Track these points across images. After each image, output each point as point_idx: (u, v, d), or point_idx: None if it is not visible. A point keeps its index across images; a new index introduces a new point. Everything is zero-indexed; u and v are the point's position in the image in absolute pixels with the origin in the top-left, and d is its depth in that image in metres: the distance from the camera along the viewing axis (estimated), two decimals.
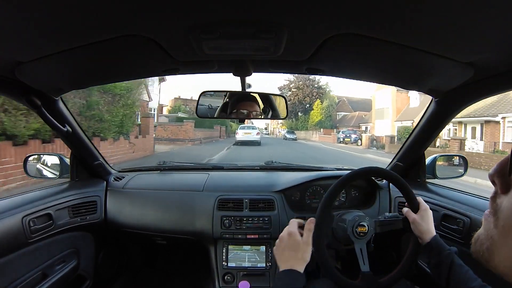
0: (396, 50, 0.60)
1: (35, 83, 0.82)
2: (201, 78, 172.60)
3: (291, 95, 35.29)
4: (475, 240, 0.34)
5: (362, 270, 0.80)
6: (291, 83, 35.00)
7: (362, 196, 1.32)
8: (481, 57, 0.60)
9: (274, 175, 1.44)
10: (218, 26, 0.54)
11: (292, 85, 35.14)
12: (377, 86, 21.99)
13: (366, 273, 0.79)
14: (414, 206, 0.82)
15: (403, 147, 1.25)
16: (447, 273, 0.70)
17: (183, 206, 1.23)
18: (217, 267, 1.17)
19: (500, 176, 0.31)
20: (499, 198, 0.31)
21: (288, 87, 35.76)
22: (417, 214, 0.80)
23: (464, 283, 0.66)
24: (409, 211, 0.83)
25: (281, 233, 0.75)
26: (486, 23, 0.46)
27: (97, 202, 1.21)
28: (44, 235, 0.96)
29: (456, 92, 0.83)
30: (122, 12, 0.47)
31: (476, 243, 0.34)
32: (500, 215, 0.30)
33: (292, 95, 35.24)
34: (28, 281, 0.88)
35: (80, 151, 1.21)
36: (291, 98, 34.86)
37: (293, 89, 35.46)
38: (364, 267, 0.80)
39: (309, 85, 33.89)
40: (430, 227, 0.79)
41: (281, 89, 36.49)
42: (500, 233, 0.30)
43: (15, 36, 0.53)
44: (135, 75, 0.87)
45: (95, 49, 0.61)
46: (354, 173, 0.86)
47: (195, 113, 1.09)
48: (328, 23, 0.52)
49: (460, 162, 1.33)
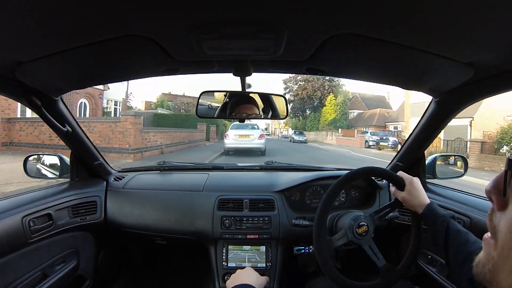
0: (396, 50, 0.60)
1: (35, 83, 0.82)
2: (199, 77, 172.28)
3: (298, 88, 30.17)
4: (476, 263, 0.33)
5: (379, 265, 0.81)
6: (298, 75, 28.19)
7: (362, 196, 1.32)
8: (481, 57, 0.60)
9: (274, 175, 1.44)
10: (218, 26, 0.54)
11: (300, 77, 29.54)
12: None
13: (384, 267, 0.80)
14: (399, 184, 0.83)
15: (403, 147, 1.25)
16: (444, 240, 0.68)
17: (183, 206, 1.22)
18: (217, 267, 1.17)
19: (497, 193, 0.31)
20: (495, 217, 0.31)
21: (295, 79, 30.78)
22: (404, 191, 0.80)
23: (463, 248, 0.63)
24: (396, 190, 0.83)
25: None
26: (486, 23, 0.46)
27: (97, 202, 1.21)
28: (44, 235, 0.96)
29: (456, 92, 0.83)
30: (122, 12, 0.47)
31: (477, 265, 0.33)
32: (499, 235, 0.30)
33: (300, 88, 30.00)
34: (28, 281, 0.88)
35: (80, 151, 1.21)
36: (298, 92, 30.03)
37: (300, 81, 30.08)
38: (380, 261, 0.81)
39: (319, 77, 25.10)
40: (421, 198, 0.78)
41: (287, 82, 31.79)
42: (500, 253, 0.29)
43: (15, 36, 0.53)
44: (135, 75, 0.87)
45: (95, 49, 0.61)
46: (353, 173, 0.86)
47: (195, 113, 1.09)
48: (328, 23, 0.52)
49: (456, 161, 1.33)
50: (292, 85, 31.63)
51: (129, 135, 8.09)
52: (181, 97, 26.02)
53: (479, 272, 0.32)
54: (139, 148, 8.44)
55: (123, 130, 8.09)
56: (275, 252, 1.18)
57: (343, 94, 27.95)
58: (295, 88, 31.26)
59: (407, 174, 0.84)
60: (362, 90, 33.39)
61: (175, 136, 11.74)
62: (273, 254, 1.17)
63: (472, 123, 13.70)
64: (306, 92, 29.30)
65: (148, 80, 12.84)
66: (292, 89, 31.75)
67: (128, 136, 8.09)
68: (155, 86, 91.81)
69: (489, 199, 0.32)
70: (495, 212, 0.31)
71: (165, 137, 10.58)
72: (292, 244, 1.21)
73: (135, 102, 33.18)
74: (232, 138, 9.33)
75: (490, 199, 0.32)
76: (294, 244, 1.21)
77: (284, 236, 1.17)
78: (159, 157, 8.35)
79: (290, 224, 1.16)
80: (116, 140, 8.16)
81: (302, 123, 32.26)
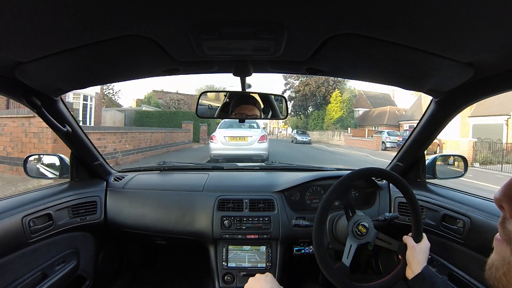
0: (396, 50, 0.60)
1: (35, 83, 0.82)
2: (200, 77, 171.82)
3: (300, 84, 28.04)
4: (489, 266, 0.32)
5: (395, 249, 0.84)
6: None
7: (362, 196, 1.32)
8: (481, 57, 0.60)
9: (274, 175, 1.44)
10: (218, 26, 0.54)
11: None
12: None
13: (401, 246, 0.84)
14: (418, 236, 0.84)
15: (403, 147, 1.25)
16: None
17: (183, 206, 1.22)
18: (217, 267, 1.17)
19: (508, 201, 0.29)
20: (510, 224, 0.29)
21: (296, 75, 26.91)
22: (418, 244, 0.82)
23: None
24: (408, 237, 0.84)
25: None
26: (486, 23, 0.46)
27: (97, 202, 1.21)
28: (44, 235, 0.96)
29: (456, 92, 0.83)
30: (122, 12, 0.47)
31: (491, 269, 0.32)
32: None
33: (302, 84, 27.78)
34: (28, 281, 0.88)
35: (80, 151, 1.21)
36: (300, 88, 27.96)
37: (302, 77, 27.20)
38: (394, 245, 0.85)
39: None
40: (424, 259, 0.80)
41: (287, 78, 29.65)
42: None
43: (15, 36, 0.53)
44: (135, 75, 0.87)
45: (95, 49, 0.61)
46: (354, 174, 0.86)
47: (195, 113, 1.09)
48: (328, 23, 0.52)
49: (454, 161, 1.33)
50: (293, 81, 29.58)
51: (46, 139, 4.74)
52: (172, 94, 24.53)
53: (493, 276, 0.31)
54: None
55: (38, 131, 4.88)
56: (275, 252, 1.18)
57: (349, 91, 25.81)
58: (296, 84, 29.14)
59: (412, 241, 0.83)
60: (366, 87, 30.79)
61: (143, 138, 8.51)
62: (273, 254, 1.17)
63: (508, 122, 12.02)
64: (309, 88, 27.11)
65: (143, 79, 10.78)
66: (293, 85, 29.87)
67: (45, 141, 4.75)
68: (150, 84, 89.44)
69: (499, 207, 0.31)
70: (507, 219, 0.30)
71: (124, 140, 7.29)
72: (292, 244, 1.21)
73: (125, 100, 30.84)
74: (221, 141, 6.51)
75: (500, 207, 0.30)
76: (294, 244, 1.21)
77: (284, 236, 1.17)
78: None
79: (290, 224, 1.16)
80: (30, 146, 4.93)
81: (304, 121, 29.72)
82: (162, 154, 9.58)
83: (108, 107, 19.14)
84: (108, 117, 14.83)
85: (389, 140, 15.27)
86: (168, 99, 23.04)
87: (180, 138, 12.02)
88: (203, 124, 15.07)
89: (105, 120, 14.36)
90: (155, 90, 25.43)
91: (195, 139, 14.34)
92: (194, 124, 14.12)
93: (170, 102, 22.50)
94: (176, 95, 24.47)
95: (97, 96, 13.29)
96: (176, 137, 11.60)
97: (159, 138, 9.88)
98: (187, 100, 23.80)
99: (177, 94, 24.78)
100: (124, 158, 7.27)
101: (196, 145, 13.33)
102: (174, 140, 11.25)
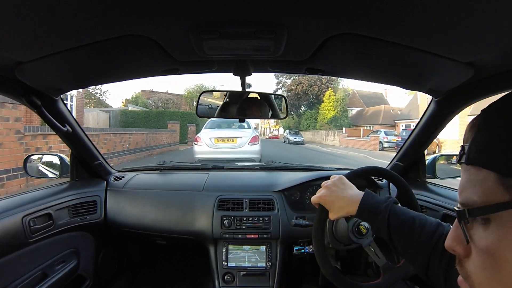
0: (396, 50, 0.60)
1: (35, 83, 0.82)
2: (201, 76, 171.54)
3: (292, 83, 27.27)
4: None
5: (380, 264, 0.79)
6: None
7: None
8: (481, 57, 0.60)
9: (274, 175, 1.44)
10: (218, 26, 0.54)
11: None
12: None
13: (386, 265, 0.78)
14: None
15: (403, 146, 1.25)
16: (389, 239, 0.61)
17: (183, 206, 1.23)
18: (217, 267, 1.17)
19: (459, 243, 0.31)
20: (465, 264, 0.31)
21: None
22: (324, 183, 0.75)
23: (410, 239, 0.58)
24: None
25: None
26: (486, 23, 0.46)
27: (97, 202, 1.21)
28: (44, 235, 0.96)
29: (456, 92, 0.83)
30: (122, 12, 0.47)
31: None
32: (474, 278, 0.30)
33: (294, 83, 27.01)
34: (28, 281, 0.88)
35: (80, 151, 1.21)
36: (292, 87, 27.20)
37: (294, 76, 26.64)
38: (380, 260, 0.79)
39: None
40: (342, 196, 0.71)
41: (279, 77, 28.85)
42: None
43: (15, 36, 0.53)
44: (135, 75, 0.87)
45: (95, 49, 0.61)
46: (354, 173, 0.86)
47: (196, 113, 1.09)
48: (328, 23, 0.52)
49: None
50: (285, 79, 28.74)
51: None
52: (160, 94, 23.58)
53: None
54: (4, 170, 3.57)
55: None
56: (275, 252, 1.18)
57: (342, 90, 25.20)
58: (288, 82, 28.29)
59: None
60: (358, 86, 31.04)
61: (119, 140, 7.52)
62: (273, 253, 1.18)
63: None
64: (301, 87, 26.23)
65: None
66: (285, 84, 29.04)
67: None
68: (140, 84, 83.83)
69: (453, 252, 0.32)
70: (462, 261, 0.31)
71: (95, 143, 3.99)
72: (292, 243, 1.21)
73: (115, 101, 29.44)
74: (206, 143, 5.71)
75: (454, 252, 0.32)
76: (294, 244, 1.22)
77: (284, 236, 1.17)
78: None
79: (290, 224, 1.16)
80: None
81: (296, 121, 28.51)
82: (143, 158, 8.72)
83: (96, 107, 18.47)
84: (92, 118, 13.85)
85: (386, 140, 14.60)
86: (157, 98, 22.46)
87: (164, 139, 11.07)
88: (191, 125, 13.88)
89: (88, 121, 13.37)
90: (144, 90, 24.30)
91: (182, 140, 13.20)
92: (181, 124, 13.05)
93: (159, 102, 21.95)
94: (165, 94, 23.90)
95: (79, 95, 12.34)
96: (160, 139, 10.71)
97: (140, 140, 8.91)
98: (176, 100, 23.33)
99: (166, 94, 24.12)
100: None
101: (183, 147, 12.16)
102: (157, 142, 10.43)
